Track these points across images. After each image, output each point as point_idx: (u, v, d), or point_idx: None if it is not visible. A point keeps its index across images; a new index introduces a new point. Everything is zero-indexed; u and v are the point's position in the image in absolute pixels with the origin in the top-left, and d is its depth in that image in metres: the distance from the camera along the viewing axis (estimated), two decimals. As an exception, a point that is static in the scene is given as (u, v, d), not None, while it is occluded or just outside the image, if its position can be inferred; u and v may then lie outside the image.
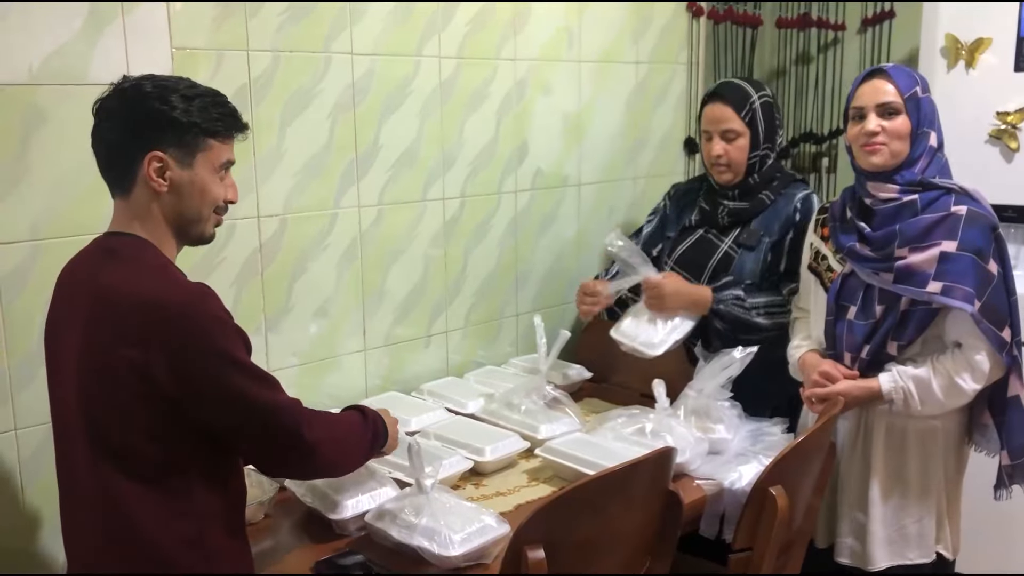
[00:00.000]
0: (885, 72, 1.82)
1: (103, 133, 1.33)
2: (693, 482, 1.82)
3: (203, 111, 1.33)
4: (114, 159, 1.34)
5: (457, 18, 2.31)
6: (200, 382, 1.28)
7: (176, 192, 1.33)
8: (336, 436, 1.47)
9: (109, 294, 1.29)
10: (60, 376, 1.37)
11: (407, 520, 1.54)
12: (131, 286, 1.29)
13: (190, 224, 1.38)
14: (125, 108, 1.31)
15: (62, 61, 1.68)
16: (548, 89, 2.57)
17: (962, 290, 1.73)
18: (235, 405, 1.31)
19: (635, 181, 2.89)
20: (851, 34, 3.06)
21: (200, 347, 1.27)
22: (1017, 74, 2.35)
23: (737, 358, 1.91)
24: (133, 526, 1.30)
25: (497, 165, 2.47)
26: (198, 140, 1.33)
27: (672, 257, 2.33)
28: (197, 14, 1.85)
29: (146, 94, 1.31)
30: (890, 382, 1.80)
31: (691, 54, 2.99)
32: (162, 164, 1.31)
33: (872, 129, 1.80)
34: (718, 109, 2.20)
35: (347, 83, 2.11)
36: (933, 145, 1.82)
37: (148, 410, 1.28)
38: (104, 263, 1.34)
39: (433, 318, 2.40)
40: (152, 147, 1.30)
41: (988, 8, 2.37)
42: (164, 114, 1.30)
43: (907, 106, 1.79)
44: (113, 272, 1.31)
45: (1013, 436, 1.85)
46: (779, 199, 2.23)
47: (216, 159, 1.36)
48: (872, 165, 1.82)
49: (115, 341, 1.27)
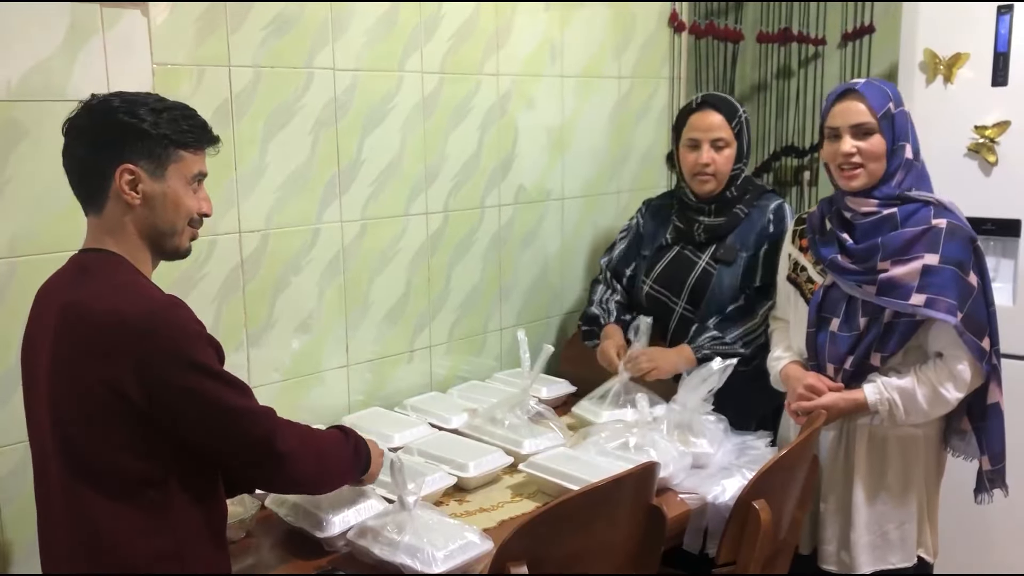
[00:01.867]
0: (857, 92, 1.82)
1: (74, 150, 1.33)
2: (676, 496, 1.82)
3: (172, 123, 1.32)
4: (85, 175, 1.33)
5: (439, 33, 2.31)
6: (169, 393, 1.27)
7: (149, 205, 1.32)
8: (311, 448, 1.45)
9: (78, 310, 1.28)
10: (35, 395, 1.36)
11: (389, 537, 1.53)
12: (99, 301, 1.27)
13: (164, 237, 1.36)
14: (93, 123, 1.31)
15: (42, 77, 1.67)
16: (531, 104, 2.58)
17: (945, 302, 1.74)
18: (205, 413, 1.29)
19: (618, 195, 2.89)
20: (831, 49, 3.09)
21: (166, 358, 1.26)
22: (994, 88, 2.38)
23: (716, 370, 1.92)
24: (106, 543, 1.29)
25: (480, 179, 2.48)
26: (169, 151, 1.32)
27: (651, 276, 2.33)
28: (178, 29, 1.85)
29: (114, 108, 1.30)
30: (875, 394, 1.81)
31: (673, 69, 3.01)
32: (134, 176, 1.30)
33: (847, 151, 1.81)
34: (709, 117, 2.20)
35: (329, 98, 2.11)
36: (909, 157, 1.83)
37: (121, 425, 1.27)
38: (76, 280, 1.33)
39: (416, 333, 2.39)
40: (122, 160, 1.29)
41: (965, 24, 2.40)
42: (133, 126, 1.29)
43: (881, 125, 1.80)
44: (83, 288, 1.30)
45: (993, 442, 1.88)
46: (752, 211, 2.24)
47: (188, 171, 1.35)
48: (851, 188, 1.84)
49: (84, 357, 1.26)
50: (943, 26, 2.44)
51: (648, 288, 2.32)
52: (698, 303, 2.24)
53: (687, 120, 2.25)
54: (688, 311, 2.26)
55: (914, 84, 2.48)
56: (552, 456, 1.90)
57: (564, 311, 2.78)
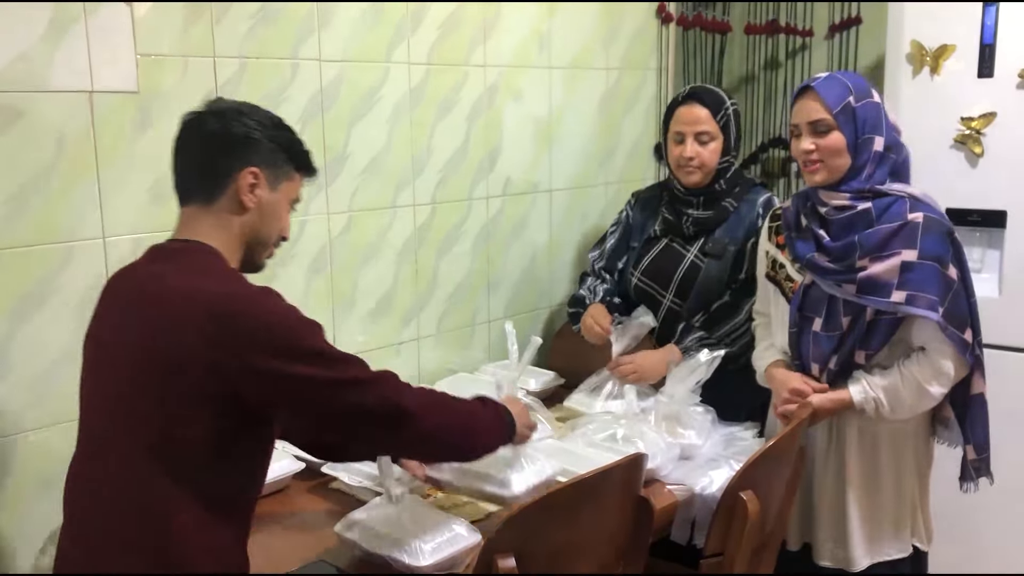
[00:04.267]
0: (812, 89, 1.81)
1: (199, 146, 1.38)
2: (664, 488, 1.82)
3: (294, 144, 1.42)
4: (207, 168, 1.37)
5: (426, 24, 2.30)
6: (284, 382, 1.28)
7: (259, 211, 1.39)
8: (441, 405, 1.45)
9: (177, 295, 1.28)
10: (101, 378, 1.35)
11: (377, 530, 1.53)
12: (202, 286, 1.29)
13: (258, 247, 1.42)
14: (224, 124, 1.37)
15: (24, 66, 1.65)
16: (518, 95, 2.57)
17: (926, 298, 1.74)
18: (321, 395, 1.31)
19: (606, 187, 2.89)
20: (819, 40, 3.09)
21: (272, 346, 1.27)
22: (980, 80, 2.39)
23: (703, 361, 1.92)
24: (176, 535, 1.27)
25: (468, 171, 2.47)
26: (286, 168, 1.41)
27: (639, 268, 2.33)
28: (162, 19, 1.83)
29: (245, 114, 1.38)
30: (860, 393, 1.82)
31: (661, 60, 3.00)
32: (256, 181, 1.37)
33: (805, 148, 1.81)
34: (695, 110, 2.20)
35: (315, 89, 2.10)
36: (879, 150, 1.81)
37: (217, 413, 1.27)
38: (171, 266, 1.34)
39: (404, 325, 2.38)
40: (250, 163, 1.36)
41: (952, 16, 2.41)
42: (262, 135, 1.37)
43: (838, 120, 1.78)
44: (181, 275, 1.31)
45: (976, 431, 1.89)
46: (742, 205, 2.25)
47: (293, 192, 1.44)
48: (814, 183, 1.84)
49: (191, 342, 1.25)
50: (929, 18, 2.44)
51: (636, 280, 2.32)
52: (686, 296, 2.25)
53: (674, 113, 2.25)
54: (676, 304, 2.26)
55: (901, 76, 2.49)
56: (541, 448, 1.90)
57: (553, 303, 2.78)
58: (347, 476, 1.79)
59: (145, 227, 1.84)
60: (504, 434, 1.57)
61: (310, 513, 1.74)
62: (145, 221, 1.85)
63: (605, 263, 2.44)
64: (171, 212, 1.87)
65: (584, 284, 2.44)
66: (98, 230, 1.78)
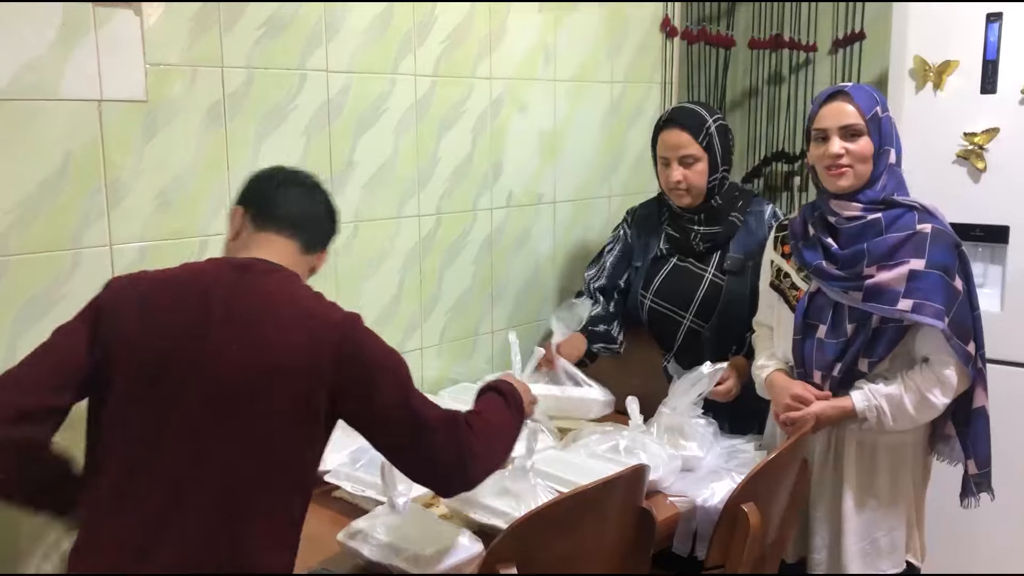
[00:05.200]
0: (847, 93, 1.82)
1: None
2: (666, 499, 1.82)
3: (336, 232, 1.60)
4: (324, 227, 1.56)
5: (433, 36, 2.32)
6: (374, 402, 1.36)
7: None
8: (494, 448, 1.49)
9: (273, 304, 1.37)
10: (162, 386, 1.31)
11: (379, 539, 1.53)
12: (300, 302, 1.40)
13: None
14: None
15: (34, 75, 1.67)
16: (523, 107, 2.58)
17: (932, 307, 1.75)
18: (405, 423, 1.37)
19: (610, 199, 2.90)
20: (822, 55, 3.11)
21: (376, 367, 1.37)
22: (983, 96, 2.39)
23: (705, 374, 1.92)
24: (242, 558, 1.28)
25: (473, 182, 2.48)
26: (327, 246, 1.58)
27: (651, 290, 2.29)
28: (171, 29, 1.85)
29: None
30: (863, 401, 1.82)
31: (665, 74, 3.02)
32: (320, 260, 1.56)
33: (836, 151, 1.80)
34: (675, 135, 2.18)
35: (322, 100, 2.11)
36: (892, 162, 1.83)
37: (305, 430, 1.33)
38: (261, 277, 1.41)
39: (408, 335, 2.39)
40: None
41: (955, 31, 2.42)
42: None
43: (869, 127, 1.80)
44: (275, 285, 1.40)
45: (979, 446, 1.88)
46: (748, 218, 2.23)
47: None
48: (839, 188, 1.83)
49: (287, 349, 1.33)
50: (933, 33, 2.46)
51: (650, 302, 2.29)
52: (707, 316, 2.22)
53: (658, 137, 2.23)
54: (696, 324, 2.24)
55: (904, 90, 2.50)
56: (543, 458, 1.90)
57: (555, 314, 2.78)
58: (350, 485, 1.79)
59: (151, 235, 1.86)
60: (522, 422, 1.62)
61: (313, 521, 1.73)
62: (151, 229, 1.86)
63: (604, 283, 2.40)
64: (177, 220, 1.90)
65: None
66: (105, 238, 1.80)
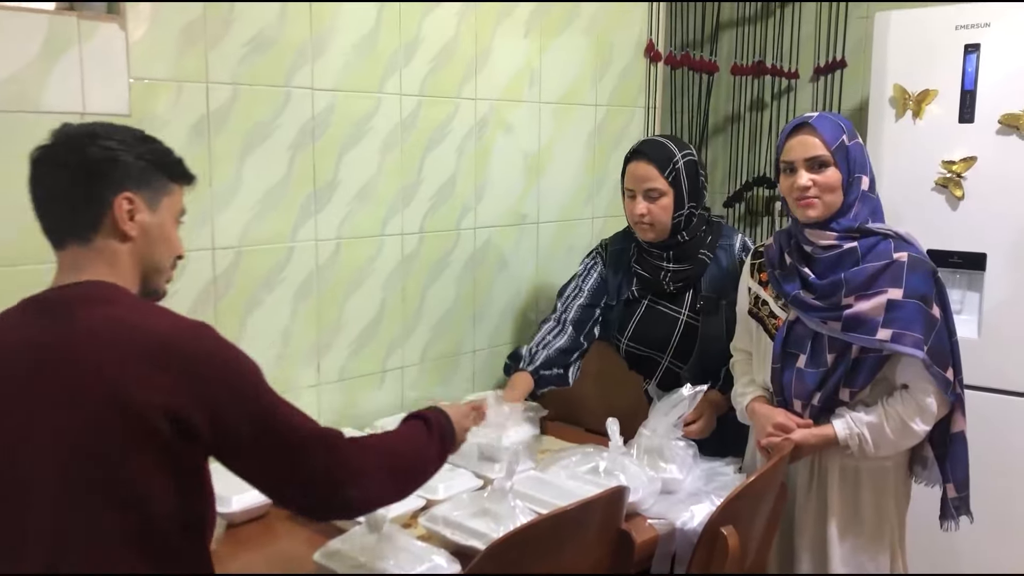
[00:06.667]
0: (811, 125, 1.81)
1: (55, 179, 1.23)
2: (645, 522, 1.81)
3: (163, 154, 1.29)
4: (73, 203, 1.23)
5: (419, 56, 2.33)
6: (236, 419, 1.19)
7: (145, 237, 1.25)
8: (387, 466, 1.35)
9: (108, 332, 1.16)
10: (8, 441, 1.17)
11: (356, 559, 1.52)
12: (138, 321, 1.18)
13: (154, 274, 1.30)
14: (80, 152, 1.22)
15: (16, 88, 1.66)
16: (508, 128, 2.60)
17: (912, 336, 1.76)
18: (272, 438, 1.22)
19: (592, 221, 2.92)
20: (804, 82, 3.15)
21: (233, 383, 1.19)
22: (961, 125, 2.43)
23: (686, 396, 1.93)
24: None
25: (456, 202, 2.49)
26: (163, 183, 1.28)
27: (625, 335, 2.26)
28: (156, 44, 1.85)
29: (101, 136, 1.24)
30: (845, 429, 1.83)
31: (648, 98, 3.05)
32: (132, 206, 1.23)
33: (804, 184, 1.80)
34: (641, 167, 2.13)
35: (307, 117, 2.12)
36: (864, 189, 1.83)
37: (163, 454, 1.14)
38: (81, 308, 1.19)
39: (389, 353, 2.38)
40: (122, 188, 1.23)
41: (934, 61, 2.46)
42: (126, 155, 1.23)
43: (835, 157, 1.80)
44: (102, 312, 1.18)
45: (957, 470, 1.89)
46: (719, 254, 2.19)
47: (176, 206, 1.31)
48: (808, 218, 1.83)
49: (131, 380, 1.13)
50: (912, 62, 2.50)
51: (626, 346, 2.27)
52: (685, 357, 2.21)
53: (626, 169, 2.19)
54: (675, 365, 2.23)
55: (884, 118, 2.54)
56: (522, 479, 1.90)
57: (537, 335, 2.79)
58: (327, 504, 1.78)
59: (132, 250, 1.84)
60: (446, 454, 1.49)
61: (289, 541, 1.73)
62: (132, 244, 1.85)
63: (576, 317, 2.29)
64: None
65: (540, 331, 2.30)
66: (85, 251, 1.78)
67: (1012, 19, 2.35)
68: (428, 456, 1.45)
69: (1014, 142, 2.37)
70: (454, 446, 1.52)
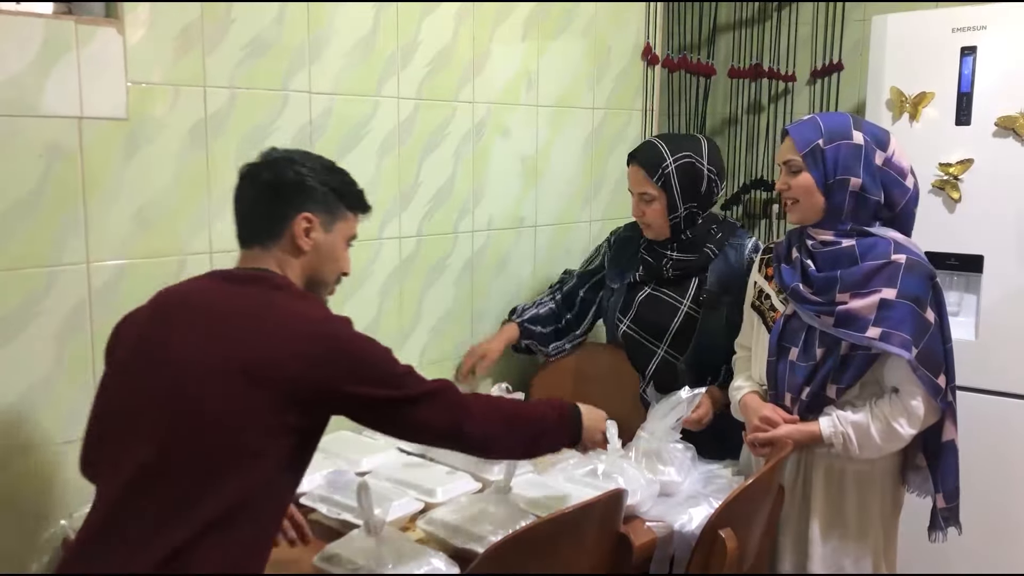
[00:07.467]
0: (787, 131, 1.90)
1: (254, 195, 1.47)
2: (644, 524, 1.82)
3: (346, 185, 1.51)
4: (261, 213, 1.46)
5: (416, 60, 2.33)
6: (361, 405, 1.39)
7: (316, 253, 1.46)
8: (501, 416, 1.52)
9: (278, 314, 1.36)
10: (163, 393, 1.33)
11: (355, 563, 1.51)
12: (303, 308, 1.39)
13: (319, 286, 1.50)
14: (275, 172, 1.46)
15: (14, 92, 1.66)
16: (506, 132, 2.60)
17: (900, 337, 1.77)
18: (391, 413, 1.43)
19: (590, 224, 2.92)
20: (801, 85, 3.16)
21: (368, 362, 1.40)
22: (958, 127, 2.44)
23: (684, 399, 1.93)
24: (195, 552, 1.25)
25: (454, 205, 2.49)
26: (341, 210, 1.49)
27: (627, 316, 2.29)
28: (154, 48, 1.85)
29: (297, 162, 1.47)
30: (830, 427, 1.83)
31: (646, 101, 3.05)
32: (309, 225, 1.45)
33: (779, 187, 1.91)
34: (633, 172, 2.23)
35: (304, 121, 2.12)
36: (855, 191, 1.83)
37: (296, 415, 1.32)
38: (255, 288, 1.40)
39: (387, 357, 2.38)
40: (303, 209, 1.44)
41: (931, 64, 2.47)
42: (314, 180, 1.46)
43: (806, 162, 1.83)
44: (268, 293, 1.39)
45: (947, 480, 1.89)
46: (728, 251, 2.22)
47: (349, 231, 1.52)
48: (791, 220, 1.93)
49: (287, 351, 1.32)
50: (909, 66, 2.51)
51: (625, 328, 2.30)
52: (682, 348, 2.23)
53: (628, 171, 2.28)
54: (671, 355, 2.25)
55: (881, 120, 2.54)
56: (520, 482, 1.90)
57: (535, 338, 2.79)
58: (326, 508, 1.78)
59: (129, 253, 1.85)
60: (567, 437, 1.62)
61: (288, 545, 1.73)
62: (130, 247, 1.85)
63: (569, 287, 2.48)
64: (156, 238, 1.89)
65: (545, 294, 2.53)
66: (82, 255, 1.78)
67: (1008, 22, 2.36)
68: (546, 417, 1.59)
69: (1010, 144, 2.37)
70: (580, 432, 1.63)
